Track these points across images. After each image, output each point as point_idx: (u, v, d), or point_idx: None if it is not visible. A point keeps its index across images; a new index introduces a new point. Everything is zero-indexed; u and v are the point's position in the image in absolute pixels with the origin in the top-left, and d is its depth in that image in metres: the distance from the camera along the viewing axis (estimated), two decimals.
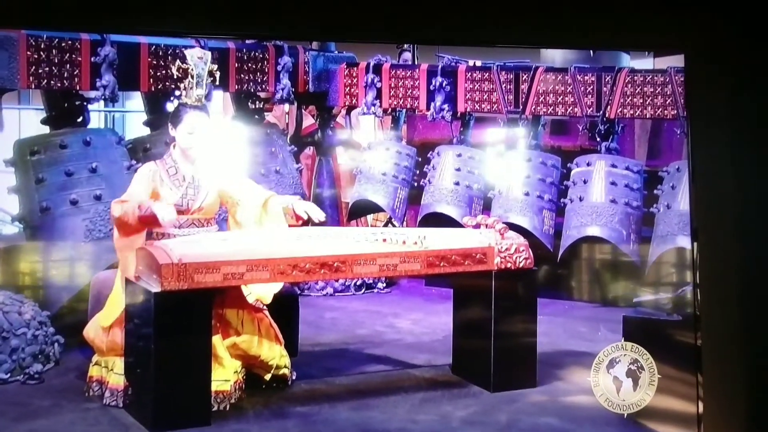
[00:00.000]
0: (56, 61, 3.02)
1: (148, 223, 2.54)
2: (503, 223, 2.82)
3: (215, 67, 2.71)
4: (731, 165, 2.57)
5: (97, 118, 3.61)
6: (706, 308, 2.48)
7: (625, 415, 2.47)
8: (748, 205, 2.56)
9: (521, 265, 2.72)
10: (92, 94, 3.16)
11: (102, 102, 3.25)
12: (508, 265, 2.70)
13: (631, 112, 3.34)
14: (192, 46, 2.86)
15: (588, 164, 3.43)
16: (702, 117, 2.56)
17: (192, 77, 2.64)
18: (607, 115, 3.38)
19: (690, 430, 2.41)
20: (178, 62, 2.69)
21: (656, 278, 3.22)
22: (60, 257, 2.96)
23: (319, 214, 2.68)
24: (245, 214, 2.70)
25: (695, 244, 2.51)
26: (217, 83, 2.77)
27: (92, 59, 3.08)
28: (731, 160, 2.57)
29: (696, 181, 2.55)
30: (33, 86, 3.06)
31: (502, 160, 3.57)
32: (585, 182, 3.41)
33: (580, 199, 3.39)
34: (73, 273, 2.94)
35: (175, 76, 2.67)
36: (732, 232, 2.56)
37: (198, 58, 2.66)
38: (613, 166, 3.38)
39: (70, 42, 3.04)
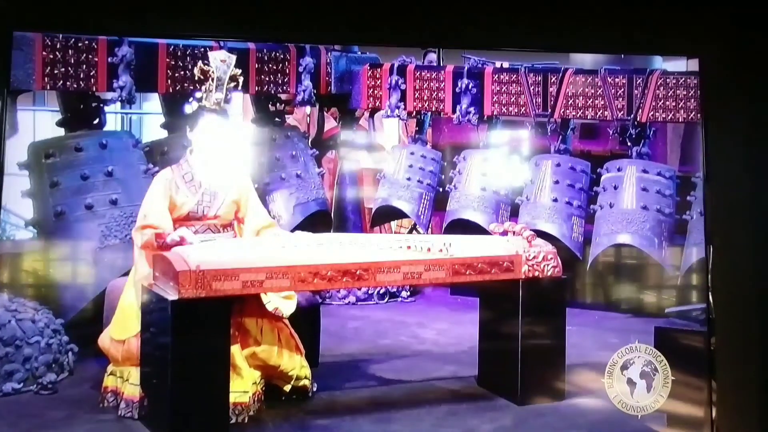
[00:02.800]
0: (72, 61, 2.97)
1: (169, 249, 2.47)
2: (531, 230, 2.76)
3: (239, 71, 2.64)
4: (747, 169, 2.56)
5: (113, 121, 3.53)
6: (720, 312, 2.50)
7: (639, 416, 2.49)
8: (763, 209, 2.55)
9: (549, 273, 2.66)
10: (109, 95, 3.10)
11: (119, 104, 3.20)
12: (536, 273, 2.64)
13: (664, 115, 3.26)
14: (212, 47, 2.80)
15: (618, 169, 3.35)
16: (717, 121, 2.54)
17: (212, 80, 2.57)
18: (638, 119, 3.30)
19: None
20: (200, 63, 2.63)
21: (690, 288, 3.12)
22: (74, 263, 2.90)
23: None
24: (244, 234, 2.69)
25: (710, 248, 2.52)
26: (240, 88, 2.69)
27: (109, 60, 3.02)
28: (746, 164, 2.56)
29: (711, 186, 2.55)
30: (48, 87, 3.00)
31: (530, 165, 3.49)
32: (615, 188, 3.33)
33: (611, 206, 3.32)
34: (88, 280, 2.87)
35: (196, 78, 2.61)
36: (747, 237, 2.56)
37: (221, 61, 2.58)
38: (645, 171, 3.30)
39: (86, 42, 2.98)
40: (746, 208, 2.60)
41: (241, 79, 2.66)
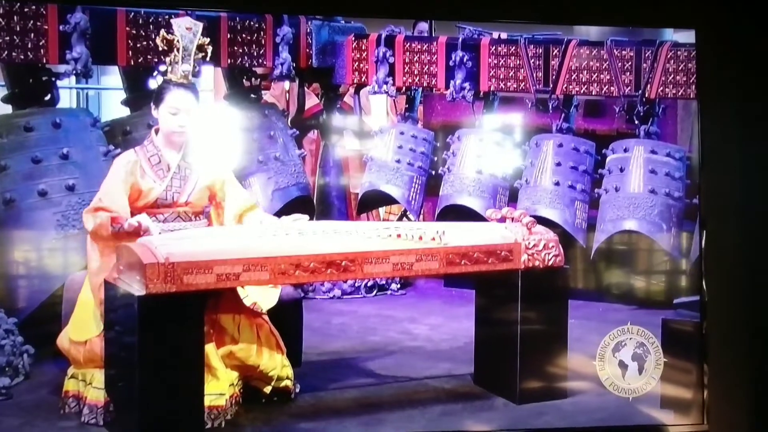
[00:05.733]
0: (18, 29, 2.93)
1: (126, 237, 2.51)
2: (531, 216, 2.82)
3: (207, 40, 2.66)
4: (741, 148, 2.71)
5: (68, 97, 3.50)
6: (713, 297, 2.69)
7: (630, 399, 2.65)
8: (758, 194, 2.73)
9: (551, 262, 2.74)
10: (62, 68, 3.06)
11: (73, 78, 3.15)
12: (536, 263, 2.71)
13: (674, 91, 3.31)
14: (178, 13, 2.80)
15: (625, 150, 3.42)
16: (712, 97, 2.69)
17: (178, 51, 2.58)
18: (647, 95, 3.35)
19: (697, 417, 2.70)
20: (162, 32, 2.63)
21: (700, 277, 3.22)
22: (28, 256, 2.90)
23: (298, 220, 2.66)
24: (224, 220, 2.71)
25: (703, 233, 2.70)
26: (209, 59, 2.70)
27: (60, 28, 2.99)
28: (742, 142, 2.71)
29: (705, 165, 2.70)
30: None
31: (530, 145, 3.54)
32: (621, 170, 3.40)
33: (616, 190, 3.38)
34: (44, 274, 2.88)
35: (159, 48, 2.60)
36: (741, 221, 2.72)
37: (186, 28, 2.60)
38: (653, 152, 3.37)
39: (33, 8, 2.95)
40: (740, 191, 2.77)
41: (209, 49, 2.68)
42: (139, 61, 3.14)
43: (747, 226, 2.77)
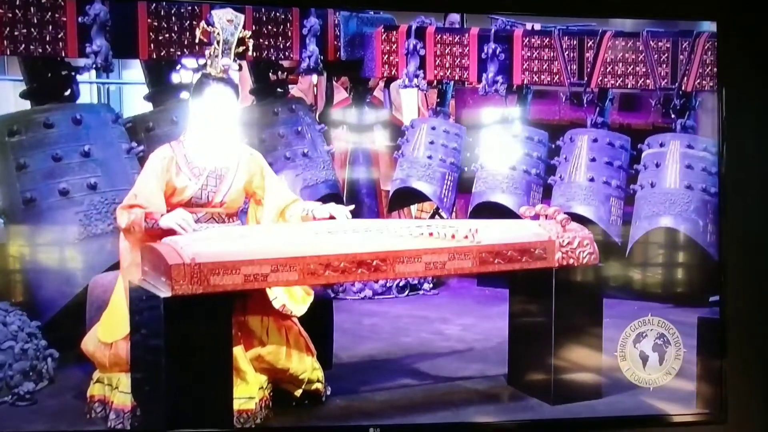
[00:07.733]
0: (35, 21, 2.83)
1: (160, 235, 2.42)
2: (565, 213, 2.77)
3: (248, 33, 2.58)
4: (763, 140, 2.74)
5: (88, 92, 3.41)
6: (733, 291, 2.72)
7: (651, 389, 2.71)
8: None
9: (585, 260, 2.69)
10: (81, 62, 2.97)
11: (93, 72, 3.06)
12: (571, 260, 2.67)
13: (711, 84, 3.23)
14: (205, 3, 2.72)
15: (661, 145, 3.33)
16: (734, 89, 2.69)
17: (218, 44, 2.51)
18: (683, 88, 3.26)
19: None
20: (203, 24, 2.56)
21: None
22: (50, 258, 2.82)
23: (343, 212, 2.59)
24: (264, 217, 2.64)
25: (723, 225, 2.75)
26: (251, 52, 2.62)
27: (79, 20, 2.88)
28: (764, 134, 2.73)
29: (725, 158, 2.70)
30: (9, 52, 2.86)
31: (564, 140, 3.46)
32: (657, 166, 3.31)
33: (652, 185, 3.30)
34: (67, 276, 2.80)
35: (198, 40, 2.53)
36: (763, 212, 2.76)
37: (227, 21, 2.53)
38: (690, 146, 3.29)
39: None
40: (761, 184, 2.77)
41: (250, 43, 2.60)
42: (162, 54, 3.03)
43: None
